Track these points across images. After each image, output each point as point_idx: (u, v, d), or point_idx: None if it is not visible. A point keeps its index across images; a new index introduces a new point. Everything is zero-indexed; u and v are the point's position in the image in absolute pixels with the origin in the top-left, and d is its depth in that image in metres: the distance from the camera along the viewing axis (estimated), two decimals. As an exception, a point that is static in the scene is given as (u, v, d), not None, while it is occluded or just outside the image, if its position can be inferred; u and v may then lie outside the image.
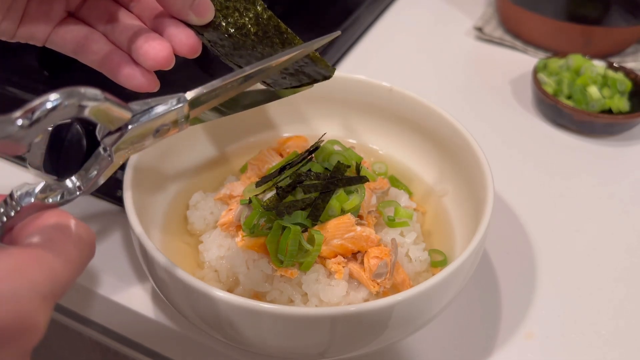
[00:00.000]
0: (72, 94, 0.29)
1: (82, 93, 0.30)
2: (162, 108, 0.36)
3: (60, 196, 0.33)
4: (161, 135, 0.37)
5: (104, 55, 0.45)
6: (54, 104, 0.29)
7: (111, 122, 0.33)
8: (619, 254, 0.60)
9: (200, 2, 0.43)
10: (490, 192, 0.47)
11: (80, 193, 0.34)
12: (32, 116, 0.28)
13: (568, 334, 0.52)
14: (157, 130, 0.37)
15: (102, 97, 0.31)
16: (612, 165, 0.71)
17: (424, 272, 0.50)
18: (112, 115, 0.33)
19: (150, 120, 0.36)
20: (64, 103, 0.29)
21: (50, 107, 0.29)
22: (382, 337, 0.42)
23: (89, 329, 0.61)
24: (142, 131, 0.36)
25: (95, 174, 0.35)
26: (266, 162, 0.55)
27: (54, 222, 0.29)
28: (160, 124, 0.37)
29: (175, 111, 0.37)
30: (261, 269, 0.46)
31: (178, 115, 0.37)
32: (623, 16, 0.84)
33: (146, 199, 0.50)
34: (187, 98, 0.37)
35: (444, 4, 1.03)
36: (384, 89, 0.58)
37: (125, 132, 0.34)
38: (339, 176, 0.48)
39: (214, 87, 0.39)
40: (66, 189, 0.34)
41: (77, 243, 0.29)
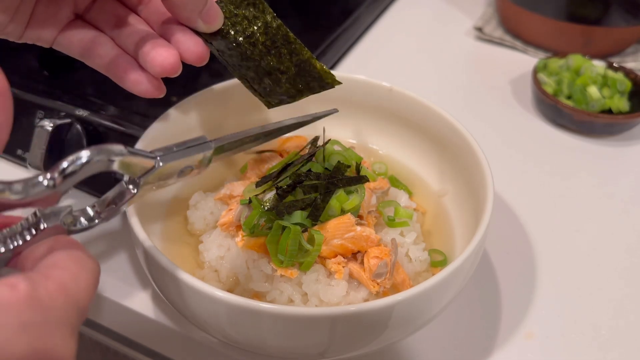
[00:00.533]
0: (100, 152, 0.32)
1: (108, 150, 0.33)
2: (187, 156, 0.39)
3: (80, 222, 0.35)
4: (184, 175, 0.40)
5: (111, 59, 0.45)
6: (85, 161, 0.31)
7: (136, 172, 0.36)
8: (619, 254, 0.60)
9: (209, 9, 0.43)
10: (490, 192, 0.47)
11: (99, 222, 0.36)
12: (65, 172, 0.31)
13: (568, 334, 0.52)
14: (181, 171, 0.39)
15: (126, 152, 0.34)
16: (612, 165, 0.71)
17: (424, 272, 0.50)
18: (136, 167, 0.35)
19: (177, 163, 0.38)
20: (94, 159, 0.32)
21: (83, 163, 0.31)
22: (382, 337, 0.42)
23: (89, 329, 0.61)
24: (169, 170, 0.38)
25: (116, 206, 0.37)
26: (266, 162, 0.55)
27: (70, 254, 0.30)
28: (185, 165, 0.39)
29: (201, 155, 0.40)
30: (261, 269, 0.46)
31: (203, 159, 0.40)
32: (623, 16, 0.84)
33: (146, 199, 0.50)
34: (213, 146, 0.41)
35: (444, 4, 1.03)
36: (384, 89, 0.58)
37: (154, 171, 0.36)
38: (339, 176, 0.48)
39: (238, 138, 0.43)
40: (87, 215, 0.35)
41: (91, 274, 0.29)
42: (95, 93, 0.63)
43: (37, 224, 0.31)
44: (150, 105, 0.62)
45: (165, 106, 0.54)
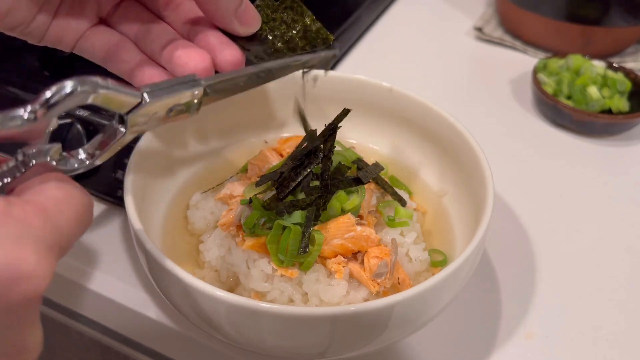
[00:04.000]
0: (85, 82, 0.31)
1: (93, 82, 0.31)
2: (177, 89, 0.37)
3: (70, 162, 0.34)
4: (174, 116, 0.38)
5: (135, 64, 0.44)
6: (70, 91, 0.30)
7: (121, 107, 0.34)
8: (619, 254, 0.60)
9: (245, 9, 0.42)
10: (490, 192, 0.47)
11: (89, 163, 0.35)
12: (48, 102, 0.30)
13: (568, 334, 0.52)
14: (170, 109, 0.37)
15: (111, 85, 0.32)
16: (612, 165, 0.71)
17: (424, 272, 0.50)
18: (121, 102, 0.34)
19: (164, 100, 0.36)
20: (78, 89, 0.30)
21: (67, 94, 0.30)
22: (382, 337, 0.42)
23: (89, 329, 0.61)
24: (158, 107, 0.36)
25: (107, 147, 0.36)
26: (266, 162, 0.55)
27: (58, 183, 0.30)
28: (175, 102, 0.37)
29: (190, 93, 0.38)
30: (261, 268, 0.46)
31: (192, 98, 0.38)
32: (623, 16, 0.84)
33: (146, 199, 0.50)
34: (202, 83, 0.38)
35: (444, 4, 1.03)
36: (384, 89, 0.58)
37: (139, 109, 0.35)
38: (339, 177, 0.48)
39: (229, 77, 0.40)
40: (77, 156, 0.35)
41: (79, 203, 0.30)
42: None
43: (26, 162, 0.31)
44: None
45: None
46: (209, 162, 0.59)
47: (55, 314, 0.63)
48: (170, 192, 0.55)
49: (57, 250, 0.27)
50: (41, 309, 0.66)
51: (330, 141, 0.49)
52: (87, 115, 0.59)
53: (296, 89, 0.60)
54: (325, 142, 0.48)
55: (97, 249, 0.57)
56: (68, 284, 0.56)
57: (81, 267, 0.56)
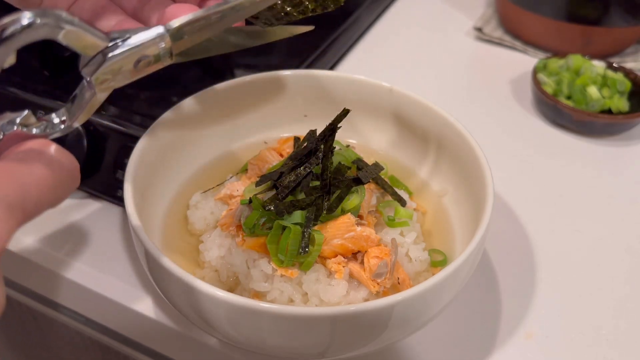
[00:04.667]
0: (45, 14, 0.29)
1: (56, 14, 0.29)
2: (143, 36, 0.35)
3: (44, 128, 0.32)
4: (143, 68, 0.36)
5: (117, 22, 0.42)
6: (27, 22, 0.28)
7: (86, 48, 0.33)
8: (619, 254, 0.60)
9: None
10: (490, 192, 0.47)
11: (65, 127, 0.34)
12: (3, 34, 0.28)
13: (568, 333, 0.52)
14: (138, 61, 0.36)
15: (76, 21, 0.31)
16: (612, 165, 0.71)
17: (424, 272, 0.50)
18: (86, 41, 0.32)
19: (130, 49, 0.35)
20: (37, 22, 0.28)
21: (24, 26, 0.28)
22: (382, 337, 0.42)
23: (89, 329, 0.61)
24: (122, 61, 0.35)
25: (79, 108, 0.35)
26: (266, 162, 0.55)
27: (32, 146, 0.29)
28: (141, 54, 0.36)
29: (156, 41, 0.36)
30: (261, 268, 0.46)
31: (160, 47, 0.36)
32: (623, 16, 0.84)
33: (146, 199, 0.50)
34: (169, 27, 0.36)
35: (444, 4, 1.03)
36: (384, 89, 0.58)
37: (104, 62, 0.34)
38: (339, 177, 0.48)
39: (197, 17, 0.37)
40: (51, 121, 0.33)
41: (54, 166, 0.28)
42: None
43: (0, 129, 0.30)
44: (151, 106, 0.62)
45: (166, 106, 0.54)
46: (209, 162, 0.59)
47: (54, 313, 0.63)
48: (170, 192, 0.55)
49: (19, 211, 0.26)
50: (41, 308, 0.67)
51: (330, 141, 0.49)
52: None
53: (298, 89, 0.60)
54: (325, 142, 0.48)
55: (97, 249, 0.57)
56: (68, 284, 0.56)
57: (81, 266, 0.56)
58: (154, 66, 0.37)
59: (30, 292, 0.62)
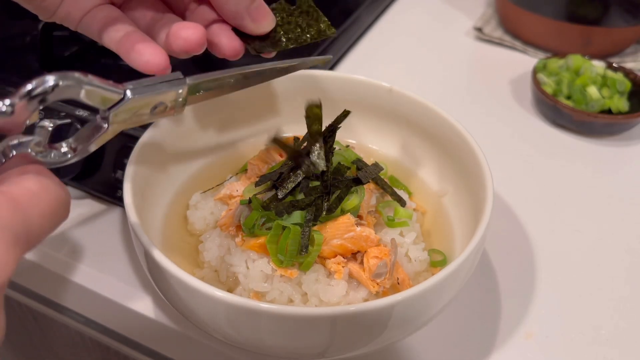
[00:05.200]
0: (67, 77, 0.31)
1: (75, 77, 0.31)
2: (162, 87, 0.38)
3: (51, 156, 0.34)
4: (158, 114, 0.38)
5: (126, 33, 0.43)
6: (53, 84, 0.30)
7: (102, 103, 0.35)
8: (619, 254, 0.60)
9: (258, 6, 0.41)
10: (490, 192, 0.47)
11: (71, 157, 0.35)
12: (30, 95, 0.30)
13: (568, 333, 0.52)
14: (154, 107, 0.38)
15: (93, 81, 0.33)
16: (612, 165, 0.71)
17: (424, 272, 0.50)
18: (103, 97, 0.34)
19: (148, 95, 0.37)
20: (62, 84, 0.30)
21: (50, 86, 0.30)
22: (382, 337, 0.42)
23: (89, 329, 0.61)
24: (140, 104, 0.37)
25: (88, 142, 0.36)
26: (266, 162, 0.55)
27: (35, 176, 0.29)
28: (158, 101, 0.38)
29: (174, 91, 0.38)
30: (261, 269, 0.46)
31: (176, 97, 0.39)
32: (622, 16, 0.84)
33: (146, 199, 0.50)
34: (187, 82, 0.39)
35: (444, 4, 1.03)
36: (384, 89, 0.58)
37: (123, 103, 0.35)
38: (339, 177, 0.48)
39: (215, 77, 0.40)
40: (59, 150, 0.34)
41: (54, 197, 0.29)
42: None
43: (6, 153, 0.31)
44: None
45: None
46: (209, 162, 0.59)
47: (54, 313, 0.63)
48: (170, 192, 0.55)
49: (24, 242, 0.27)
50: (41, 309, 0.67)
51: (330, 142, 0.49)
52: (86, 115, 0.59)
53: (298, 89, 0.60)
54: (325, 142, 0.49)
55: (97, 249, 0.57)
56: (68, 284, 0.56)
57: (81, 266, 0.56)
58: (167, 113, 0.39)
59: (31, 292, 0.62)
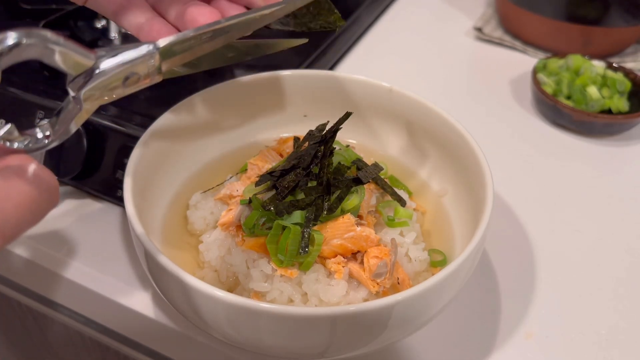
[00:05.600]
0: (31, 34, 0.28)
1: (42, 35, 0.29)
2: (131, 54, 0.35)
3: (26, 143, 0.31)
4: (132, 85, 0.36)
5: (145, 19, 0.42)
6: (13, 42, 0.27)
7: (72, 67, 0.32)
8: (619, 254, 0.60)
9: None
10: (490, 191, 0.47)
11: (49, 142, 0.33)
12: None
13: (568, 333, 0.52)
14: (126, 78, 0.35)
15: (62, 41, 0.30)
16: (611, 165, 0.71)
17: (424, 272, 0.50)
18: (72, 61, 0.31)
19: (118, 66, 0.34)
20: (24, 42, 0.28)
21: (10, 46, 0.27)
22: (381, 336, 0.42)
23: (89, 329, 0.61)
24: (110, 78, 0.34)
25: (64, 123, 0.34)
26: (266, 162, 0.55)
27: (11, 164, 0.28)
28: (129, 72, 0.35)
29: (145, 59, 0.36)
30: (261, 268, 0.46)
31: (149, 65, 0.36)
32: (622, 16, 0.84)
33: (146, 199, 0.50)
34: (159, 46, 0.36)
35: (444, 4, 1.03)
36: (384, 89, 0.59)
37: (92, 78, 0.33)
38: (339, 177, 0.48)
39: (187, 36, 0.37)
40: (34, 136, 0.32)
41: (33, 186, 0.27)
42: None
43: None
44: (151, 106, 0.62)
45: (165, 106, 0.54)
46: (209, 162, 0.59)
47: (54, 313, 0.63)
48: (170, 192, 0.55)
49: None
50: (41, 308, 0.67)
51: (330, 142, 0.49)
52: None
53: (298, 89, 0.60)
54: (326, 143, 0.49)
55: (97, 249, 0.57)
56: (68, 284, 0.56)
57: (81, 266, 0.56)
58: (143, 82, 0.37)
59: (30, 292, 0.62)
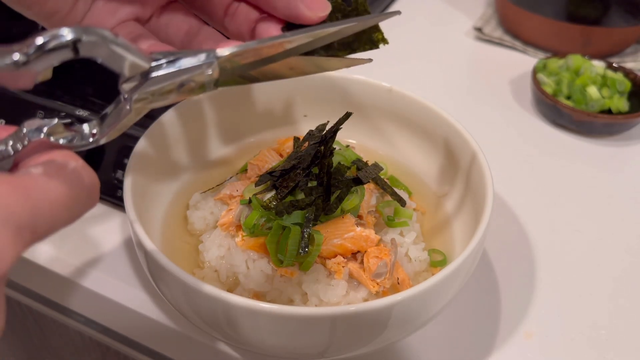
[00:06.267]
0: (89, 32, 0.27)
1: (101, 33, 0.28)
2: (189, 62, 0.33)
3: (71, 139, 0.31)
4: (186, 92, 0.34)
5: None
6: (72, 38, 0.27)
7: (127, 68, 0.31)
8: (619, 254, 0.60)
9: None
10: (490, 192, 0.47)
11: (94, 140, 0.32)
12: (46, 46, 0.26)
13: (568, 333, 0.52)
14: (181, 85, 0.33)
15: (120, 41, 0.29)
16: (611, 166, 0.71)
17: (424, 272, 0.50)
18: (128, 61, 0.30)
19: (174, 73, 0.33)
20: (83, 39, 0.27)
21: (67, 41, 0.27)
22: (381, 336, 0.42)
23: (89, 329, 0.61)
24: (165, 83, 0.33)
25: (112, 123, 0.33)
26: (266, 162, 0.55)
27: (55, 159, 0.27)
28: (185, 78, 0.33)
29: (202, 68, 0.34)
30: (261, 268, 0.46)
31: (205, 75, 0.34)
32: (622, 16, 0.84)
33: (146, 199, 0.50)
34: (218, 55, 0.34)
35: (444, 4, 1.03)
36: (384, 89, 0.59)
37: (146, 82, 0.32)
38: (339, 177, 0.48)
39: (248, 48, 0.35)
40: (81, 133, 0.31)
41: (73, 183, 0.27)
42: (95, 93, 0.63)
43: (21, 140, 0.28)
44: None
45: (165, 106, 0.54)
46: (209, 163, 0.59)
47: (54, 313, 0.63)
48: (170, 192, 0.55)
49: (29, 233, 0.25)
50: (42, 309, 0.67)
51: (330, 142, 0.49)
52: (87, 116, 0.59)
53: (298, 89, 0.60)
54: (326, 143, 0.49)
55: (97, 249, 0.57)
56: (67, 284, 0.56)
57: (81, 266, 0.56)
58: (198, 91, 0.35)
59: (31, 292, 0.62)
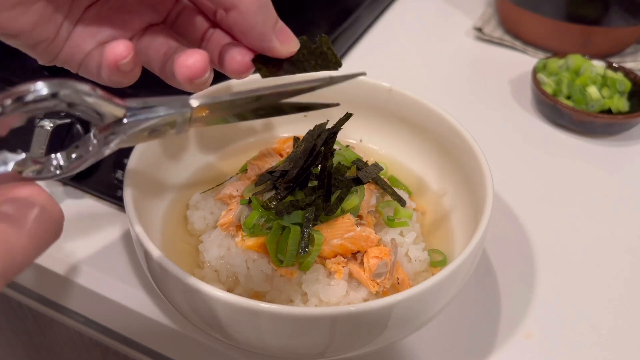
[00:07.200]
0: (65, 86, 0.28)
1: (75, 87, 0.28)
2: (163, 111, 0.34)
3: (37, 171, 0.31)
4: (156, 136, 0.35)
5: None
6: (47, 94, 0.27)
7: (102, 119, 0.31)
8: (619, 254, 0.60)
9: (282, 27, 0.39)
10: (490, 191, 0.47)
11: (60, 174, 0.32)
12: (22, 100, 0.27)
13: (567, 334, 0.52)
14: (153, 130, 0.34)
15: (94, 93, 0.29)
16: (611, 165, 0.71)
17: (424, 272, 0.50)
18: (102, 110, 0.31)
19: (147, 121, 0.34)
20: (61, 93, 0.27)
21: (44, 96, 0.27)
22: (381, 336, 0.42)
23: (89, 329, 0.61)
24: (137, 129, 0.33)
25: (79, 160, 0.33)
26: (266, 162, 0.55)
27: (22, 196, 0.27)
28: (158, 126, 0.34)
29: (175, 116, 0.35)
30: (261, 268, 0.47)
31: (178, 122, 0.35)
32: (622, 16, 0.84)
33: (146, 199, 0.50)
34: (192, 106, 0.35)
35: (444, 4, 1.03)
36: (384, 89, 0.59)
37: (119, 129, 0.32)
38: (339, 177, 0.48)
39: (221, 100, 0.36)
40: (48, 165, 0.31)
41: (43, 221, 0.27)
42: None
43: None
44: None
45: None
46: (209, 163, 0.59)
47: (54, 313, 0.63)
48: (170, 192, 0.55)
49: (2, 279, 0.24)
50: (41, 309, 0.67)
51: (330, 142, 0.49)
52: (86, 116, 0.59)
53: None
54: (326, 143, 0.49)
55: (97, 249, 0.57)
56: (67, 284, 0.56)
57: (81, 267, 0.56)
58: (169, 134, 0.36)
59: (31, 292, 0.62)
